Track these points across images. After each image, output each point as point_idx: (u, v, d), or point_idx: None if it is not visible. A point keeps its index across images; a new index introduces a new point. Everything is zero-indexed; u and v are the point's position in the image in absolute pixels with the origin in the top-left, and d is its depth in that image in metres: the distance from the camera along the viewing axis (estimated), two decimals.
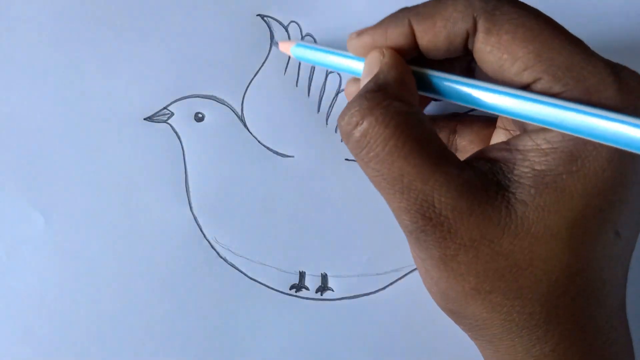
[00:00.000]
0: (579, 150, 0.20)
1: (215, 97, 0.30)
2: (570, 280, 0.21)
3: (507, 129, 0.25)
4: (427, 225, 0.21)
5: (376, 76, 0.22)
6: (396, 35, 0.23)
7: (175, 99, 0.30)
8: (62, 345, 0.29)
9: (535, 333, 0.21)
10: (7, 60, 0.30)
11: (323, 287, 0.30)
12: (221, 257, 0.30)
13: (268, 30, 0.30)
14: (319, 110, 0.30)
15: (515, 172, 0.21)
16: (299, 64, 0.30)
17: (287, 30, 0.30)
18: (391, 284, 0.30)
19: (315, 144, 0.30)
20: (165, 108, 0.30)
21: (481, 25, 0.21)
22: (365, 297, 0.30)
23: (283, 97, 0.30)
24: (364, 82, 0.23)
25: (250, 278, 0.30)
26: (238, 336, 0.29)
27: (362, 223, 0.30)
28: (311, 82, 0.30)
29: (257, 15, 0.30)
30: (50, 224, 0.30)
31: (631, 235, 0.23)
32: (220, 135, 0.30)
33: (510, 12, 0.21)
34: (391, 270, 0.30)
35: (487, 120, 0.27)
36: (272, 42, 0.30)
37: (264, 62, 0.30)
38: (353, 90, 0.26)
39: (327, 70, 0.30)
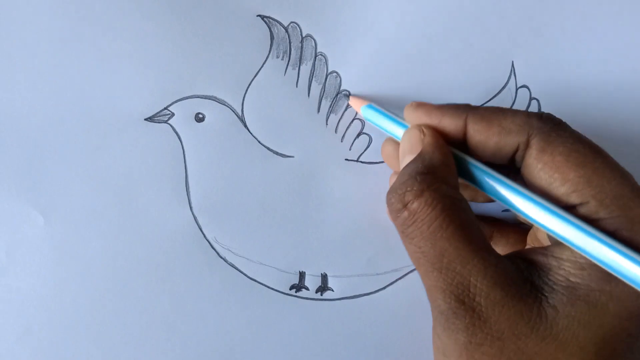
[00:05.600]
0: None
1: (215, 97, 0.30)
2: None
3: (535, 247, 0.26)
4: (460, 309, 0.21)
5: (422, 157, 0.23)
6: (449, 123, 0.24)
7: (175, 99, 0.30)
8: (62, 345, 0.29)
9: None
10: (7, 60, 0.30)
11: (323, 287, 0.30)
12: (221, 257, 0.30)
13: (268, 30, 0.30)
14: (319, 111, 0.30)
15: (550, 277, 0.22)
16: (299, 64, 0.30)
17: (287, 31, 0.30)
18: (391, 284, 0.30)
19: (315, 144, 0.30)
20: (165, 108, 0.30)
21: (536, 143, 0.22)
22: (365, 297, 0.30)
23: (283, 97, 0.30)
24: (404, 157, 0.24)
25: (250, 278, 0.30)
26: (238, 336, 0.29)
27: (362, 223, 0.30)
28: (311, 82, 0.30)
29: (257, 15, 0.30)
30: (50, 224, 0.30)
31: None
32: (220, 136, 0.30)
33: (565, 136, 0.22)
34: (391, 270, 0.30)
35: (523, 233, 0.28)
36: (273, 42, 0.30)
37: (264, 63, 0.30)
38: (389, 150, 0.28)
39: (326, 71, 0.30)
